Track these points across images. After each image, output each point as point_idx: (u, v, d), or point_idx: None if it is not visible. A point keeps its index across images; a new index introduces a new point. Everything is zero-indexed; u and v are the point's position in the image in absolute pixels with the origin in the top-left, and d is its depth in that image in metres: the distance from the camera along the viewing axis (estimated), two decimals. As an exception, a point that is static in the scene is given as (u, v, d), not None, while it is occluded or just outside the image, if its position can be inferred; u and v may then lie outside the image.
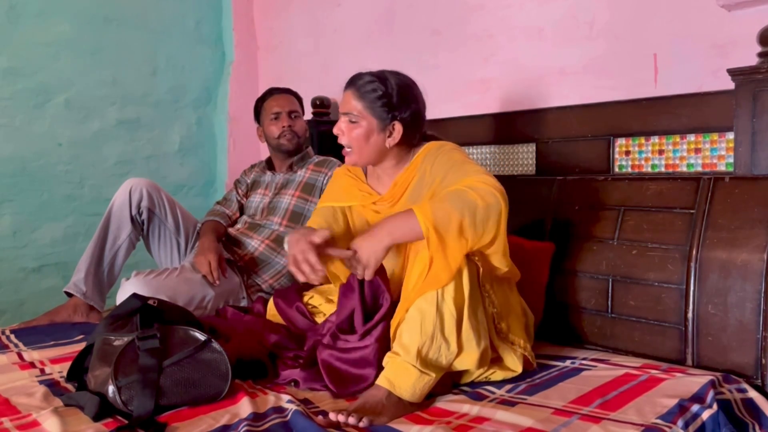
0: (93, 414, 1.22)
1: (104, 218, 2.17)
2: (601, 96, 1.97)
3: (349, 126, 1.54)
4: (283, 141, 2.30)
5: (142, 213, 2.20)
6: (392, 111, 1.52)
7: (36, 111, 2.66)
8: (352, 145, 1.55)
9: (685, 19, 1.82)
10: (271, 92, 2.39)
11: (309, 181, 2.28)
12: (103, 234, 2.16)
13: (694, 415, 1.23)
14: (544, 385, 1.42)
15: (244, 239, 2.23)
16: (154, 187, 2.25)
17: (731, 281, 1.50)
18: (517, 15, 2.20)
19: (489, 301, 1.40)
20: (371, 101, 1.52)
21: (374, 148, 1.55)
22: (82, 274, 2.11)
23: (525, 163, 2.13)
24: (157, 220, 2.25)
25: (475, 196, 1.32)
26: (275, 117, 2.31)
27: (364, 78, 1.54)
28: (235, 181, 2.50)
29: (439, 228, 1.29)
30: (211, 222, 2.28)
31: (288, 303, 1.74)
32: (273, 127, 2.31)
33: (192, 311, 1.96)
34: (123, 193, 2.18)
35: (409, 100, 1.54)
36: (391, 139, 1.54)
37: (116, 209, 2.17)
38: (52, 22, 2.66)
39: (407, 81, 1.57)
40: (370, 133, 1.53)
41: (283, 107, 2.33)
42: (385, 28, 2.65)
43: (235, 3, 3.21)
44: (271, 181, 2.35)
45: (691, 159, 1.78)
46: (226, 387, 1.31)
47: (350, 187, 1.69)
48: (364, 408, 1.24)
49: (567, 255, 1.80)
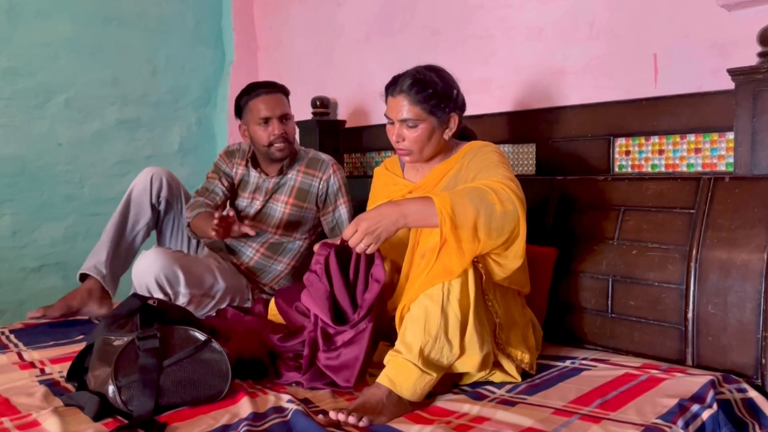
0: (93, 414, 1.22)
1: (123, 203, 2.12)
2: (601, 96, 1.97)
3: (409, 131, 1.56)
4: (274, 150, 2.09)
5: (161, 203, 2.16)
6: (447, 105, 1.55)
7: (36, 111, 2.66)
8: (414, 148, 1.57)
9: (685, 19, 1.82)
10: (257, 91, 2.10)
11: (302, 186, 2.16)
12: (123, 218, 2.11)
13: (694, 415, 1.23)
14: (544, 385, 1.42)
15: (238, 248, 2.19)
16: (173, 178, 2.20)
17: (731, 281, 1.50)
18: (517, 15, 2.20)
19: (493, 310, 1.41)
20: (426, 103, 1.53)
21: (435, 144, 1.59)
22: (102, 256, 2.07)
23: (525, 163, 2.13)
24: (173, 213, 2.21)
25: (495, 199, 1.32)
26: (264, 122, 2.07)
27: (407, 81, 1.54)
28: (216, 169, 2.24)
29: (456, 220, 1.29)
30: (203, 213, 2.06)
31: (288, 303, 1.74)
32: (262, 133, 2.08)
33: (199, 296, 1.98)
34: (144, 179, 2.13)
35: (453, 88, 1.58)
36: (449, 131, 1.59)
37: (136, 195, 2.12)
38: (52, 22, 2.67)
39: (442, 71, 1.60)
40: (432, 132, 1.56)
41: (274, 111, 2.07)
42: (385, 28, 2.65)
43: (235, 3, 3.21)
44: (261, 185, 2.18)
45: (691, 159, 1.78)
46: (226, 387, 1.31)
47: (389, 182, 1.75)
48: (364, 407, 1.24)
49: (567, 255, 1.80)
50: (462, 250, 1.30)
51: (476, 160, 1.54)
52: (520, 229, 1.34)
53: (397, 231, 1.36)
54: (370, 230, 1.34)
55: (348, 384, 1.39)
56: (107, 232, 2.11)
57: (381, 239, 1.35)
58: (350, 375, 1.39)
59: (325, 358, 1.42)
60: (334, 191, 2.18)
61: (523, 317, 1.54)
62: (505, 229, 1.32)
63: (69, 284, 2.72)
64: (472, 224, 1.29)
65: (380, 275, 1.43)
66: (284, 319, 1.74)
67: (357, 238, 1.34)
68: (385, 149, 2.60)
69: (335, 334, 1.44)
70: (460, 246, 1.30)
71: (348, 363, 1.39)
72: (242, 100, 2.13)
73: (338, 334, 1.43)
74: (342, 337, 1.43)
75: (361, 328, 1.40)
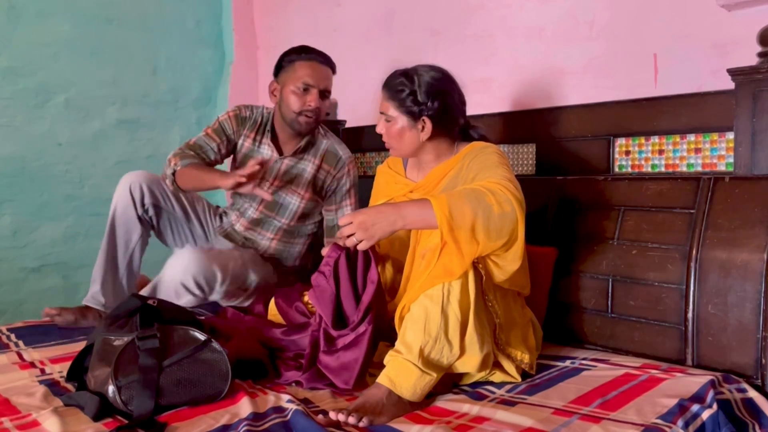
0: (93, 414, 1.22)
1: (109, 223, 2.02)
2: (601, 96, 1.97)
3: (386, 125, 1.60)
4: (301, 120, 1.99)
5: (148, 210, 2.04)
6: (419, 107, 1.55)
7: (36, 111, 2.66)
8: (391, 143, 1.62)
9: (685, 19, 1.82)
10: (310, 55, 1.97)
11: (316, 181, 2.12)
12: (111, 240, 2.01)
13: (694, 415, 1.23)
14: (544, 385, 1.42)
15: (252, 236, 2.17)
16: (152, 179, 2.06)
17: (731, 281, 1.50)
18: (517, 15, 2.20)
19: (493, 311, 1.41)
20: (400, 100, 1.55)
21: (410, 143, 1.60)
22: (98, 286, 1.99)
23: (525, 163, 2.13)
24: (166, 214, 2.12)
25: (493, 200, 1.32)
26: (304, 89, 1.95)
27: (395, 78, 1.58)
28: (219, 130, 2.08)
29: (453, 223, 1.29)
30: (199, 164, 1.97)
31: (288, 303, 1.75)
32: (296, 99, 1.96)
33: (234, 290, 1.99)
34: (123, 193, 2.01)
35: (438, 95, 1.55)
36: (423, 134, 1.58)
37: (120, 212, 2.01)
38: (52, 22, 2.67)
39: (438, 75, 1.58)
40: (403, 130, 1.58)
41: (319, 82, 1.97)
42: (384, 28, 2.65)
43: (235, 3, 3.21)
44: (271, 166, 2.07)
45: (691, 159, 1.78)
46: (226, 387, 1.31)
47: (390, 181, 1.76)
48: (364, 407, 1.24)
49: (567, 255, 1.80)
50: (461, 251, 1.30)
51: (477, 161, 1.54)
52: (519, 231, 1.34)
53: (394, 233, 1.36)
54: (365, 226, 1.34)
55: (347, 386, 1.39)
56: (99, 258, 2.01)
57: (375, 238, 1.35)
58: (349, 377, 1.38)
59: (325, 359, 1.42)
60: (343, 192, 2.16)
61: (523, 317, 1.54)
62: (504, 231, 1.31)
63: (69, 284, 2.73)
64: (470, 226, 1.29)
65: (374, 276, 1.43)
66: (284, 319, 1.75)
67: (350, 229, 1.35)
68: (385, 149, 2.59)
69: (338, 336, 1.44)
70: (459, 248, 1.30)
71: (347, 365, 1.39)
72: (289, 57, 2.00)
73: (340, 337, 1.43)
74: (343, 340, 1.43)
75: (361, 330, 1.40)
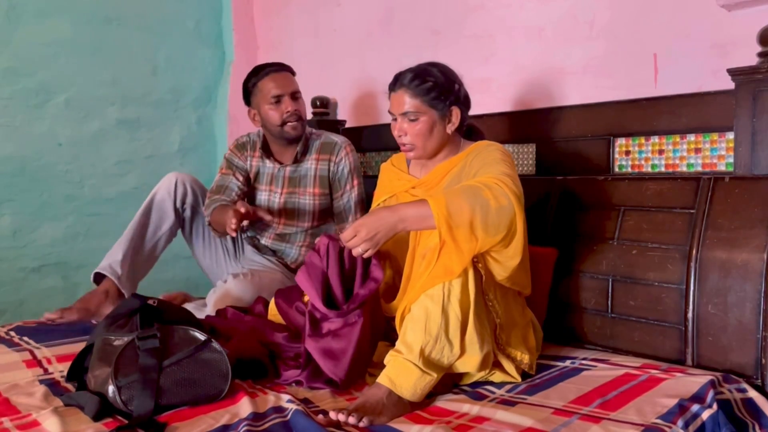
0: (93, 414, 1.22)
1: (144, 207, 2.08)
2: (601, 96, 1.97)
3: (410, 125, 1.57)
4: (288, 129, 2.07)
5: (185, 209, 2.12)
6: (447, 97, 1.55)
7: (36, 111, 2.66)
8: (416, 142, 1.58)
9: (685, 19, 1.82)
10: (265, 71, 2.07)
11: (321, 174, 2.15)
12: (143, 222, 2.07)
13: (694, 415, 1.23)
14: (544, 385, 1.43)
15: (280, 247, 2.18)
16: (200, 186, 2.16)
17: (731, 281, 1.50)
18: (517, 15, 2.20)
19: (493, 310, 1.41)
20: (426, 95, 1.55)
21: (437, 138, 1.59)
22: (119, 256, 2.01)
23: (525, 163, 2.13)
24: (201, 219, 2.17)
25: (489, 195, 1.32)
26: (276, 101, 2.04)
27: (408, 76, 1.57)
28: (228, 165, 2.20)
29: (452, 221, 1.30)
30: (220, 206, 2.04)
31: (288, 303, 1.74)
32: (274, 113, 2.05)
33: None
34: (167, 184, 2.09)
35: (455, 82, 1.59)
36: (451, 125, 1.58)
37: (159, 199, 2.09)
38: (52, 22, 2.67)
39: (444, 67, 1.61)
40: (433, 125, 1.57)
41: (285, 89, 2.06)
42: (384, 28, 2.65)
43: (235, 3, 3.21)
44: (276, 175, 2.16)
45: (691, 159, 1.78)
46: (226, 387, 1.31)
47: (393, 178, 1.75)
48: (364, 407, 1.24)
49: (567, 255, 1.80)
50: (461, 249, 1.30)
51: (479, 158, 1.54)
52: (518, 225, 1.34)
53: (396, 235, 1.37)
54: (369, 237, 1.36)
55: (336, 377, 1.39)
56: (126, 234, 2.06)
57: (379, 244, 1.38)
58: (336, 367, 1.38)
59: (310, 343, 1.42)
60: (345, 175, 2.16)
61: (523, 318, 1.54)
62: (502, 225, 1.32)
63: (69, 284, 2.73)
64: (468, 223, 1.30)
65: (379, 275, 1.44)
66: (284, 319, 1.74)
67: (355, 242, 1.37)
68: (385, 149, 2.60)
69: (321, 319, 1.44)
70: (458, 246, 1.30)
71: (334, 353, 1.39)
72: (250, 82, 2.10)
73: (324, 320, 1.44)
74: (329, 325, 1.43)
75: (351, 321, 1.41)
